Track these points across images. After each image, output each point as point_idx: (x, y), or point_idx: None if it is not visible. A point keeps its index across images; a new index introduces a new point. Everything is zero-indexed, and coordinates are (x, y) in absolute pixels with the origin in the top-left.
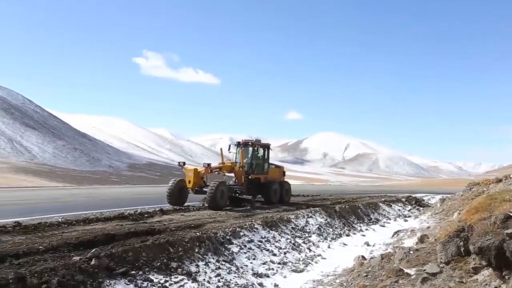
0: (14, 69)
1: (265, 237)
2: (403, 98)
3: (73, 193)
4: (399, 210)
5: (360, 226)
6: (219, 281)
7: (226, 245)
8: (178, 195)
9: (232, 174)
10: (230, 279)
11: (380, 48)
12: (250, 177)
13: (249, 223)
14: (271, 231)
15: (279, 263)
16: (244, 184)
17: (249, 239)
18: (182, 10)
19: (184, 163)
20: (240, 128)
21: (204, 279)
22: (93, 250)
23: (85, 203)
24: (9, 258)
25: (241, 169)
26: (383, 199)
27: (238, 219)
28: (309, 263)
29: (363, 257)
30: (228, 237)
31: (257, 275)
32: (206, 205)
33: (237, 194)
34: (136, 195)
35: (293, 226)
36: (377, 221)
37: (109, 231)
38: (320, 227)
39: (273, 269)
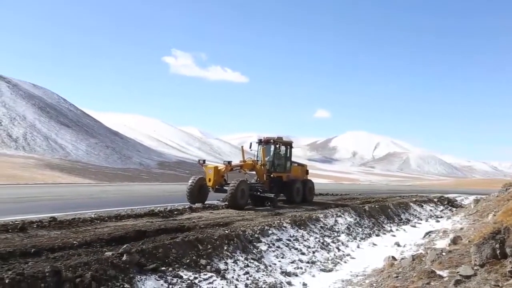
0: (50, 68)
1: (293, 235)
2: (436, 96)
3: (105, 190)
4: (430, 210)
5: (390, 226)
6: (247, 279)
7: (254, 243)
8: (198, 193)
9: (254, 172)
10: (259, 277)
11: (412, 45)
12: (272, 175)
13: (278, 221)
14: (299, 230)
15: (308, 262)
16: (266, 183)
17: (278, 237)
18: (210, 8)
19: (204, 161)
20: (268, 126)
21: (232, 277)
22: (125, 246)
23: (116, 199)
24: (45, 252)
25: (262, 167)
26: (414, 199)
27: (267, 218)
28: (338, 262)
29: (393, 257)
30: (256, 235)
31: (285, 273)
32: (226, 204)
33: (259, 193)
34: (166, 192)
35: (322, 225)
36: (407, 221)
37: (140, 228)
38: (349, 226)
39: (301, 268)
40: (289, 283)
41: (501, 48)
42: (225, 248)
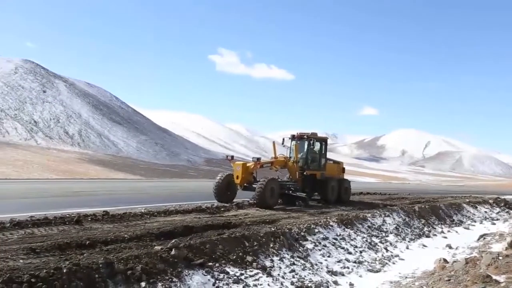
0: (102, 66)
1: (340, 234)
2: (491, 93)
3: (154, 186)
4: (485, 212)
5: (442, 228)
6: (293, 277)
7: (300, 241)
8: (226, 191)
9: (286, 170)
10: (305, 276)
11: (461, 43)
12: (305, 173)
13: (324, 220)
14: (346, 229)
15: (355, 262)
16: (299, 181)
17: (324, 236)
18: (254, 6)
19: (232, 157)
20: (314, 124)
21: (278, 274)
22: (173, 240)
23: (165, 195)
24: (99, 244)
25: (295, 164)
26: (467, 200)
27: (313, 216)
28: (386, 263)
29: (445, 260)
30: (302, 233)
31: (331, 273)
32: (254, 202)
33: (290, 191)
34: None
35: (369, 224)
36: (460, 223)
37: (187, 223)
38: (397, 226)
39: (348, 267)
40: (335, 283)
41: None
42: (271, 245)
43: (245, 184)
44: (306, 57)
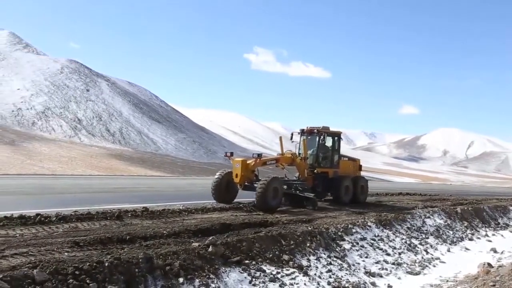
0: (142, 65)
1: (378, 235)
2: None
3: (192, 183)
4: None
5: (486, 231)
6: (330, 277)
7: (337, 241)
8: (225, 190)
9: (294, 167)
10: (342, 276)
11: (506, 39)
12: (315, 171)
13: (362, 220)
14: (384, 230)
15: (393, 264)
16: (309, 180)
17: (362, 236)
18: (288, 4)
19: (232, 153)
20: (352, 122)
21: (315, 274)
22: (210, 238)
23: (202, 193)
24: (138, 240)
25: (303, 161)
26: None
27: (350, 216)
28: (426, 266)
29: (489, 264)
30: (340, 233)
31: (369, 274)
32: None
33: (298, 192)
34: None
35: (409, 226)
36: (506, 226)
37: (224, 221)
38: (438, 228)
39: (386, 269)
40: (373, 284)
41: None
42: (308, 244)
43: (245, 183)
44: (343, 54)
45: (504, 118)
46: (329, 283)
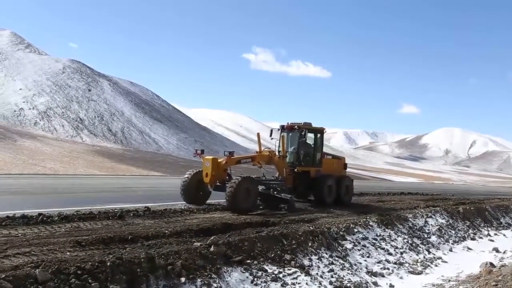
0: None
1: (380, 235)
2: None
3: None
4: None
5: (488, 230)
6: (332, 276)
7: (339, 241)
8: (196, 191)
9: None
10: (343, 276)
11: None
12: (295, 170)
13: (364, 220)
14: (386, 230)
15: (395, 263)
16: (289, 179)
17: (363, 236)
18: (286, 4)
19: (202, 151)
20: (353, 121)
21: (317, 273)
22: (212, 237)
23: None
24: (140, 239)
25: (282, 159)
26: None
27: (352, 216)
28: (428, 265)
29: (491, 264)
30: (341, 233)
31: (371, 273)
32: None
33: (275, 193)
34: None
35: (411, 225)
36: (508, 225)
37: (226, 221)
38: (440, 228)
39: (388, 268)
40: (375, 284)
41: None
42: (310, 244)
43: (217, 183)
44: (342, 54)
45: (506, 117)
46: (331, 283)
